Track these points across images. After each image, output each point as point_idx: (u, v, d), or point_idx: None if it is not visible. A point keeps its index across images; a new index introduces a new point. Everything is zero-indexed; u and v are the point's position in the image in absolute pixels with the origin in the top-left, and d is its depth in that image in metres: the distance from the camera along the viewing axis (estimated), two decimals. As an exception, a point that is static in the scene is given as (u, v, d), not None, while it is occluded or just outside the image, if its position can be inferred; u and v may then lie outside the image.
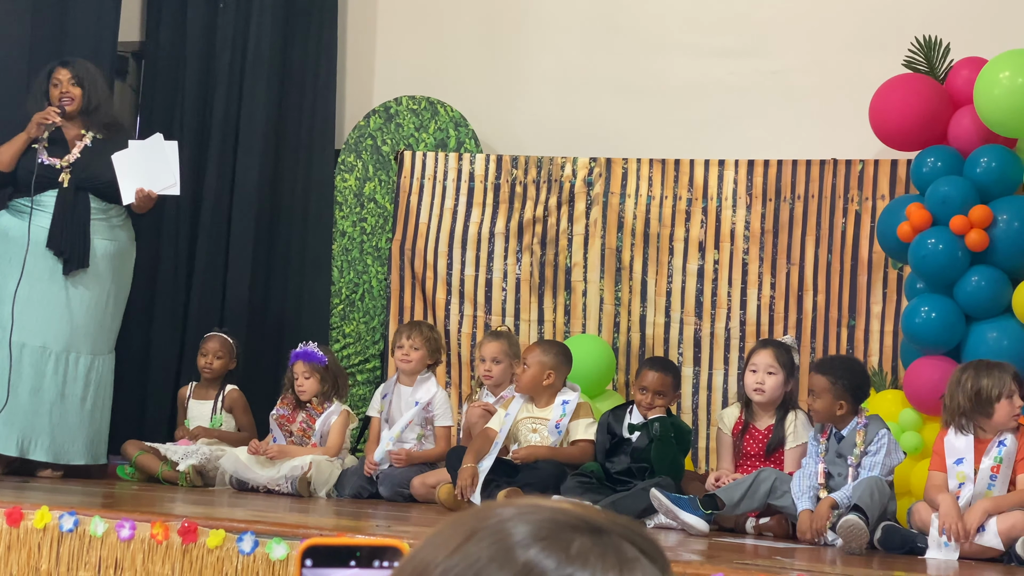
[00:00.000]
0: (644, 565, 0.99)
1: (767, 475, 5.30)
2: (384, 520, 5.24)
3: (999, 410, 4.87)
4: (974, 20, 6.56)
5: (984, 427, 4.91)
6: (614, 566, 0.97)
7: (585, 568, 0.97)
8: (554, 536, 0.98)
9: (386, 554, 1.25)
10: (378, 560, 1.24)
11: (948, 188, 5.93)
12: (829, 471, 5.30)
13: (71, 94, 6.45)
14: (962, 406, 4.89)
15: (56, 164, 6.40)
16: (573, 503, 1.03)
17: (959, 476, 4.91)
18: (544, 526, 0.99)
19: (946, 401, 4.99)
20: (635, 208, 7.03)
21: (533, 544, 0.98)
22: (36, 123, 6.36)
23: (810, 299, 6.72)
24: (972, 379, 4.90)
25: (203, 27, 7.80)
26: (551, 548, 0.97)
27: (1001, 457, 4.86)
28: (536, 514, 1.00)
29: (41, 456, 6.32)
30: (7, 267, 6.30)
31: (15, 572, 4.54)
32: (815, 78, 6.92)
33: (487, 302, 7.22)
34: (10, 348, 6.24)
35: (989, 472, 4.87)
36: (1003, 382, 4.88)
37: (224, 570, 4.28)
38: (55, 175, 6.39)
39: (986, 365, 4.99)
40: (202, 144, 7.67)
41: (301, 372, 6.49)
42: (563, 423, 5.93)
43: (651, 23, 7.32)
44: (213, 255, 7.60)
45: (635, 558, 0.99)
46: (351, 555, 1.25)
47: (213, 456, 6.49)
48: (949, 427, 4.97)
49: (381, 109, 7.66)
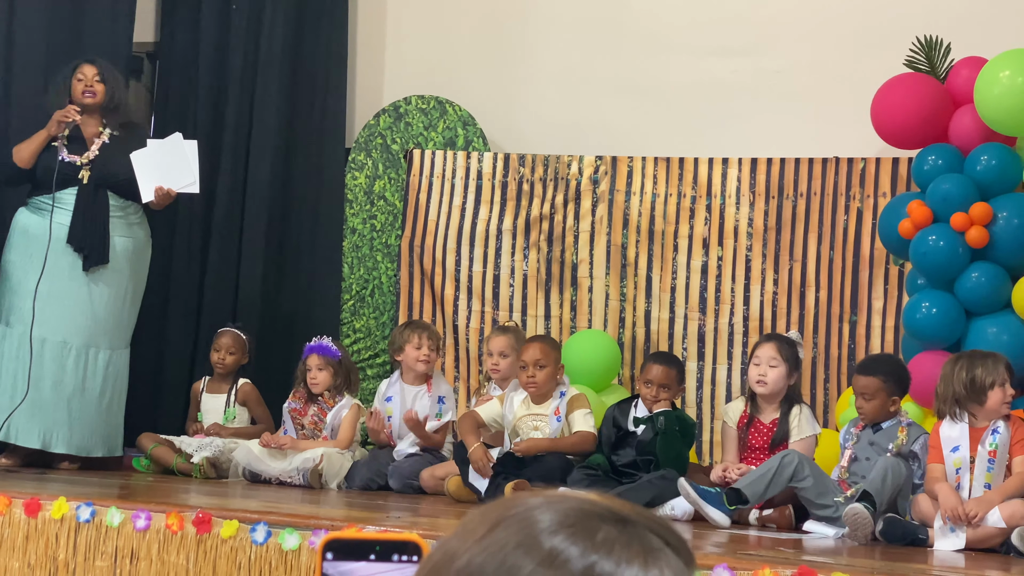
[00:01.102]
0: (668, 556, 0.99)
1: (791, 458, 5.27)
2: (395, 511, 5.24)
3: (992, 397, 4.93)
4: (974, 20, 6.55)
5: (976, 415, 4.96)
6: (638, 555, 0.97)
7: (610, 557, 0.96)
8: (580, 524, 0.98)
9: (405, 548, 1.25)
10: (396, 554, 1.25)
11: (949, 186, 5.93)
12: (856, 455, 5.33)
13: (94, 89, 6.45)
14: (957, 393, 4.96)
15: (76, 161, 6.40)
16: (600, 495, 1.02)
17: (956, 462, 4.94)
18: (570, 515, 0.99)
19: (939, 390, 5.04)
20: (640, 205, 7.03)
21: (559, 532, 0.97)
22: (56, 120, 6.36)
23: (812, 295, 6.71)
24: (966, 368, 4.97)
25: (216, 28, 7.80)
26: (576, 536, 0.97)
27: (996, 443, 4.92)
28: (562, 503, 1.00)
29: (62, 449, 6.32)
30: (28, 263, 6.30)
31: (33, 561, 4.55)
32: (817, 77, 6.91)
33: (495, 298, 7.21)
34: (31, 343, 6.24)
35: (987, 456, 4.90)
36: (996, 371, 4.96)
37: (238, 560, 4.28)
38: (75, 172, 6.39)
39: (980, 355, 5.08)
40: (215, 143, 7.66)
41: (315, 365, 6.49)
42: (562, 413, 5.89)
43: (655, 23, 7.31)
44: (226, 252, 7.60)
45: (660, 548, 0.99)
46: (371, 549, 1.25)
47: (226, 448, 6.49)
48: (943, 419, 5.00)
49: (391, 108, 7.66)
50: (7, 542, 4.58)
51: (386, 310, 7.53)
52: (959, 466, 4.94)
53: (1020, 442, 4.94)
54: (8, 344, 6.31)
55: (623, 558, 0.96)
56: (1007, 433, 4.94)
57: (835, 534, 5.10)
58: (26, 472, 6.02)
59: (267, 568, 4.24)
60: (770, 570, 3.69)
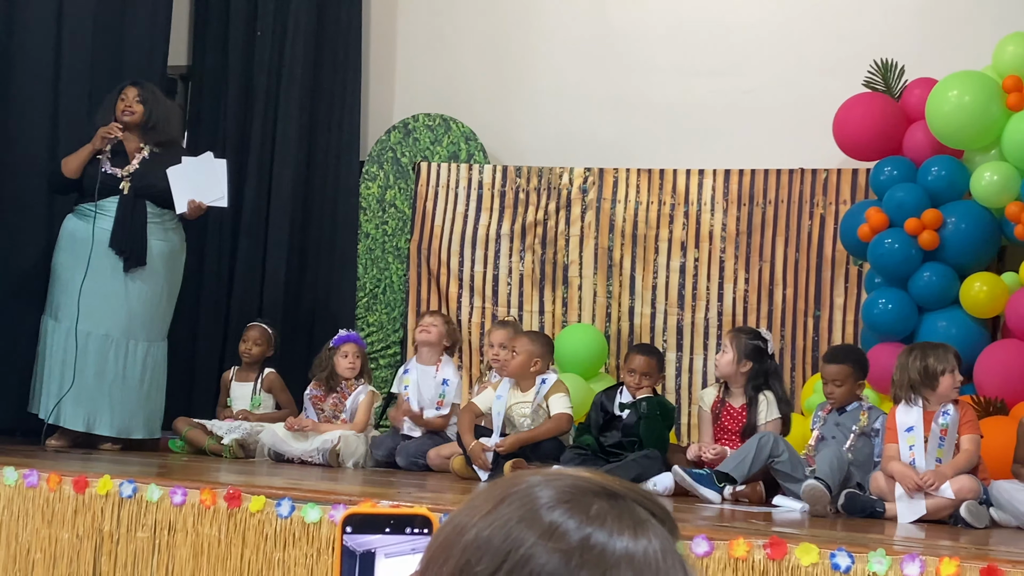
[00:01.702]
0: (655, 526, 1.00)
1: (768, 439, 5.28)
2: (405, 488, 5.24)
3: (943, 383, 4.95)
4: (926, 44, 6.56)
5: (929, 399, 4.98)
6: (629, 526, 0.98)
7: (603, 528, 0.97)
8: (576, 499, 0.99)
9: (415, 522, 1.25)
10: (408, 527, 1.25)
11: (903, 194, 5.94)
12: (823, 435, 5.35)
13: (133, 109, 6.45)
14: (912, 380, 4.97)
15: (118, 173, 6.40)
16: (591, 472, 1.03)
17: (910, 440, 4.96)
18: (567, 491, 0.99)
19: (895, 378, 5.07)
20: (624, 212, 7.04)
21: (557, 507, 0.98)
22: (100, 136, 6.37)
23: (780, 293, 6.72)
24: (920, 357, 4.99)
25: (243, 52, 7.80)
26: (573, 510, 0.98)
27: (947, 423, 4.95)
28: (560, 481, 1.01)
29: (105, 431, 6.33)
30: (75, 264, 6.30)
31: (81, 532, 4.56)
32: (785, 96, 6.91)
33: (494, 295, 7.22)
34: (76, 336, 6.25)
35: (939, 435, 4.93)
36: (947, 359, 4.98)
37: (264, 531, 4.29)
38: (116, 183, 6.38)
39: (931, 345, 5.11)
40: (242, 156, 7.66)
41: (352, 352, 6.50)
42: (539, 398, 5.88)
43: (640, 47, 7.31)
44: (252, 254, 7.60)
45: (647, 520, 1.00)
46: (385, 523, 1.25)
47: (253, 431, 6.49)
48: (899, 403, 5.03)
49: (400, 125, 7.66)
50: (58, 516, 4.59)
51: (396, 306, 7.53)
52: (913, 443, 4.96)
53: (968, 422, 4.97)
54: (57, 337, 6.31)
55: (615, 529, 0.97)
56: (956, 415, 4.96)
57: (800, 508, 5.12)
58: (74, 453, 6.02)
59: (291, 539, 4.25)
60: (744, 540, 3.70)
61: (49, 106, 6.74)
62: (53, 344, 6.32)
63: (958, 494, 4.79)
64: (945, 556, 3.49)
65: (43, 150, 6.62)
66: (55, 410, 6.24)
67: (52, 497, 4.61)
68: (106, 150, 6.39)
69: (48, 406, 6.26)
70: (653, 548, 0.98)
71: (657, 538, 0.99)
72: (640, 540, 0.97)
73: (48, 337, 6.34)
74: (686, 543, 3.75)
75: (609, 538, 0.97)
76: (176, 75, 7.95)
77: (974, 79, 5.84)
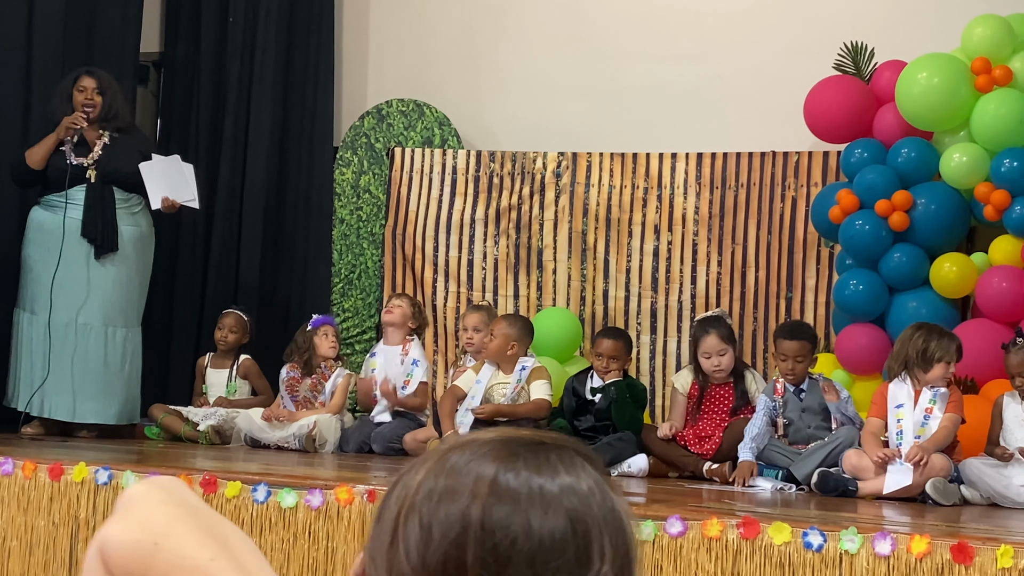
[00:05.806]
0: (584, 466, 1.07)
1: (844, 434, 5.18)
2: (382, 472, 5.24)
3: (936, 370, 4.96)
4: (896, 27, 6.58)
5: (919, 379, 4.98)
6: (554, 469, 1.05)
7: (527, 469, 1.05)
8: (504, 449, 1.07)
9: None
10: None
11: (873, 176, 5.96)
12: (791, 420, 5.35)
13: (94, 101, 6.40)
14: (908, 356, 4.99)
15: (83, 163, 6.36)
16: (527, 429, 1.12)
17: (899, 415, 4.97)
18: (497, 444, 1.07)
19: (895, 349, 5.07)
20: (598, 196, 7.04)
21: (487, 456, 1.06)
22: (65, 127, 6.32)
23: (752, 275, 6.74)
24: (924, 338, 4.99)
25: (215, 39, 7.77)
26: (500, 458, 1.05)
27: (935, 399, 4.95)
28: (493, 435, 1.09)
29: (90, 419, 6.31)
30: (46, 256, 6.26)
31: (57, 520, 4.54)
32: (756, 80, 6.92)
33: (469, 280, 7.22)
34: (49, 327, 6.22)
35: (924, 412, 4.95)
36: (948, 350, 4.97)
37: (241, 517, 4.28)
38: (82, 172, 6.34)
39: (939, 331, 5.08)
40: (215, 142, 7.64)
41: (332, 332, 6.51)
42: (521, 382, 5.89)
43: (612, 34, 7.31)
44: (227, 240, 7.58)
45: (571, 461, 1.07)
46: None
47: (229, 417, 6.48)
48: (893, 378, 5.02)
49: (374, 111, 7.64)
50: (33, 503, 4.57)
51: (372, 292, 7.52)
52: (901, 417, 4.97)
53: (953, 402, 4.98)
54: (35, 329, 6.28)
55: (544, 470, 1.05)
56: (946, 395, 4.96)
57: (772, 487, 5.14)
58: (50, 440, 5.99)
59: (267, 524, 4.24)
60: (717, 520, 3.72)
61: (21, 96, 6.68)
62: (32, 337, 6.28)
63: (927, 472, 4.81)
64: (916, 534, 3.52)
65: (15, 139, 6.57)
66: (39, 403, 6.21)
67: (27, 484, 4.59)
68: (71, 140, 6.34)
69: (27, 398, 6.22)
70: (588, 484, 1.06)
71: (588, 476, 1.07)
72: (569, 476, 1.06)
73: (24, 330, 6.30)
74: (659, 524, 3.76)
75: (552, 479, 1.05)
76: (148, 62, 7.91)
77: (943, 61, 5.86)
